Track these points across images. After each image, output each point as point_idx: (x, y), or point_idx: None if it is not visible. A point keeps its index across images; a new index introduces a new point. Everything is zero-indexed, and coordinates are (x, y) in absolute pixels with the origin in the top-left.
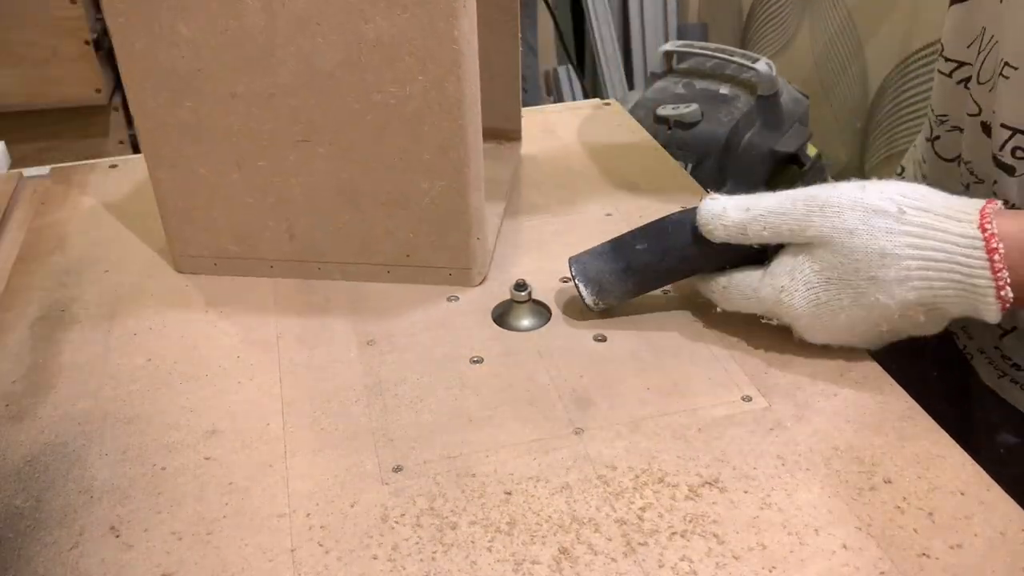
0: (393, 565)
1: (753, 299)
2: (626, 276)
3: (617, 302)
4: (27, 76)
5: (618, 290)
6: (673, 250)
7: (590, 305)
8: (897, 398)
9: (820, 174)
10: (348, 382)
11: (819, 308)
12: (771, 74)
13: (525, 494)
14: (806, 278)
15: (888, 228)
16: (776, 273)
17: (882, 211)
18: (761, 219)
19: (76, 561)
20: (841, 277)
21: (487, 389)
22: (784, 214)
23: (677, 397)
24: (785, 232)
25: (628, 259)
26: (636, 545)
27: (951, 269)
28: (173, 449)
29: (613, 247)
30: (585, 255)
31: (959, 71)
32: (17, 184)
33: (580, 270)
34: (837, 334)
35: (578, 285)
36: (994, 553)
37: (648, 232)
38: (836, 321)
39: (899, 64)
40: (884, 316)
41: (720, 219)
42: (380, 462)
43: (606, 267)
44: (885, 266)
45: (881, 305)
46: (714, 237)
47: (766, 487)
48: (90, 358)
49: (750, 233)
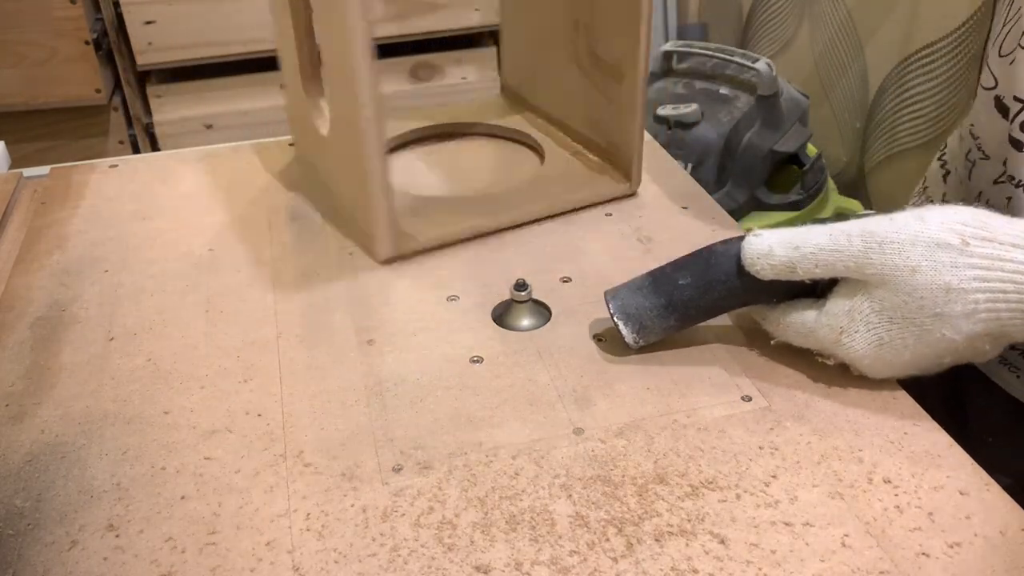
0: (393, 565)
1: (810, 338)
2: (668, 313)
3: (658, 339)
4: (27, 76)
5: (659, 327)
6: (717, 284)
7: (630, 344)
8: (897, 398)
9: (820, 174)
10: (348, 382)
11: (882, 348)
12: (771, 74)
13: (525, 494)
14: (866, 319)
15: (953, 262)
16: (833, 313)
17: (945, 244)
18: (812, 257)
19: (76, 561)
20: (905, 316)
21: (487, 389)
22: (838, 251)
23: (677, 397)
24: (840, 269)
25: (670, 294)
26: (636, 545)
27: (1020, 300)
28: (173, 449)
29: (653, 281)
30: (623, 289)
31: None
32: (17, 184)
33: (619, 307)
34: (900, 370)
35: (617, 323)
36: (994, 553)
37: (690, 265)
38: (900, 359)
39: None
40: (949, 350)
41: (767, 259)
42: (380, 462)
43: (646, 303)
44: (951, 302)
45: (947, 340)
46: (762, 276)
47: (766, 487)
48: (90, 358)
49: (800, 272)
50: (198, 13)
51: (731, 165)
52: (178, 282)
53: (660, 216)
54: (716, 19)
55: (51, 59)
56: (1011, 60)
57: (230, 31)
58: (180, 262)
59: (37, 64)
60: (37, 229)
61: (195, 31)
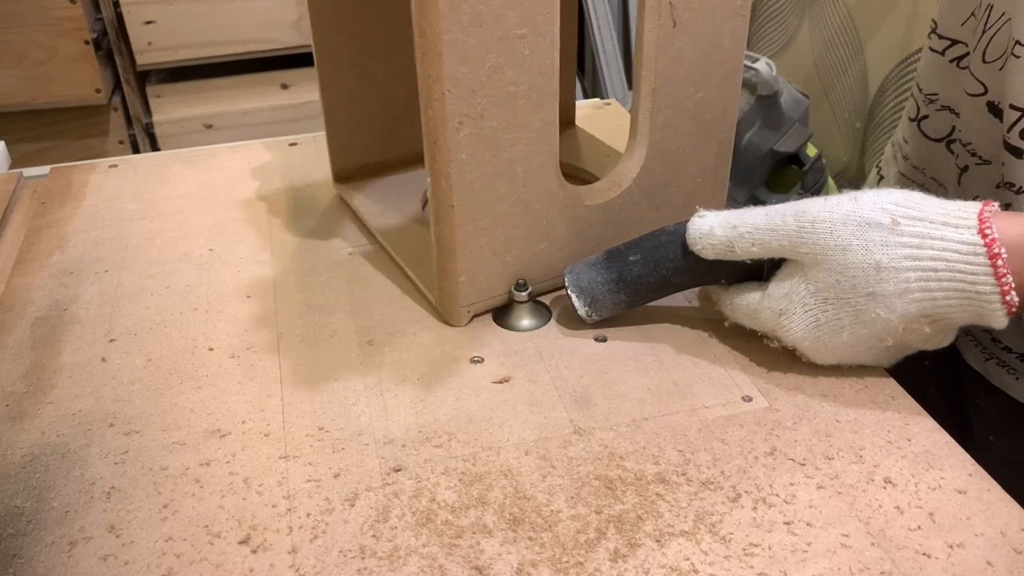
0: (393, 565)
1: (755, 320)
2: (618, 288)
3: (611, 314)
4: (27, 76)
5: (610, 301)
6: (666, 263)
7: (583, 316)
8: (897, 398)
9: (820, 174)
10: (348, 382)
11: (819, 330)
12: (771, 74)
13: (525, 494)
14: (803, 300)
15: (883, 241)
16: (773, 296)
17: (876, 223)
18: (749, 236)
19: (76, 561)
20: (839, 296)
21: (487, 389)
22: (774, 230)
23: (677, 397)
24: (776, 248)
25: (621, 270)
26: (636, 544)
27: (952, 278)
28: (173, 449)
29: (607, 257)
30: (580, 265)
31: (952, 49)
32: (17, 184)
33: (573, 280)
34: (842, 353)
35: (570, 296)
36: (994, 553)
37: (642, 244)
38: (839, 340)
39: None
40: (887, 331)
41: (707, 238)
42: (380, 462)
43: (599, 277)
44: (883, 280)
45: (883, 320)
46: (704, 256)
47: (766, 487)
48: (90, 358)
49: (738, 250)
50: (198, 13)
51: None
52: (178, 282)
53: None
54: None
55: (51, 59)
56: (1000, 66)
57: (230, 31)
58: (180, 262)
59: (37, 64)
60: (37, 229)
61: (195, 31)
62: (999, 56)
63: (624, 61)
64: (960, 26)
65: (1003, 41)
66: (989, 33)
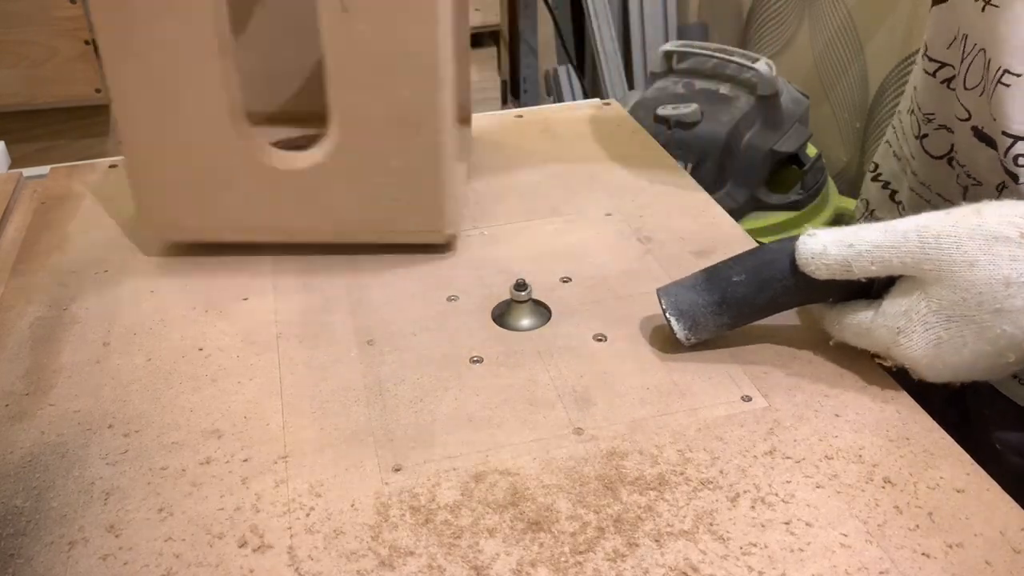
0: (393, 565)
1: (867, 338)
2: (721, 310)
3: (711, 336)
4: (27, 76)
5: (712, 324)
6: (773, 283)
7: (682, 340)
8: (897, 398)
9: (820, 174)
10: (348, 382)
11: (940, 348)
12: (771, 74)
13: (525, 494)
14: (924, 319)
15: (1012, 255)
16: (890, 314)
17: (1004, 237)
18: (868, 255)
19: (76, 561)
20: (963, 314)
21: (487, 389)
22: (894, 247)
23: (677, 397)
24: (897, 266)
25: (723, 291)
26: (635, 544)
27: None
28: (173, 449)
29: (707, 278)
30: (675, 286)
31: (942, 71)
32: (17, 184)
33: (672, 303)
34: (959, 370)
35: (669, 319)
36: (995, 553)
37: (745, 263)
38: (958, 358)
39: (899, 64)
40: (1011, 347)
41: (822, 258)
42: (380, 462)
43: (700, 300)
44: (1011, 296)
45: (1008, 336)
46: (817, 276)
47: (765, 487)
48: (90, 358)
49: (856, 270)
50: None
51: (731, 165)
52: (178, 281)
53: (660, 216)
54: (716, 19)
55: (51, 59)
56: (979, 93)
57: None
58: (179, 262)
59: (37, 64)
60: (37, 229)
61: None
62: (977, 84)
63: (624, 61)
64: (946, 49)
65: (978, 70)
66: (967, 61)
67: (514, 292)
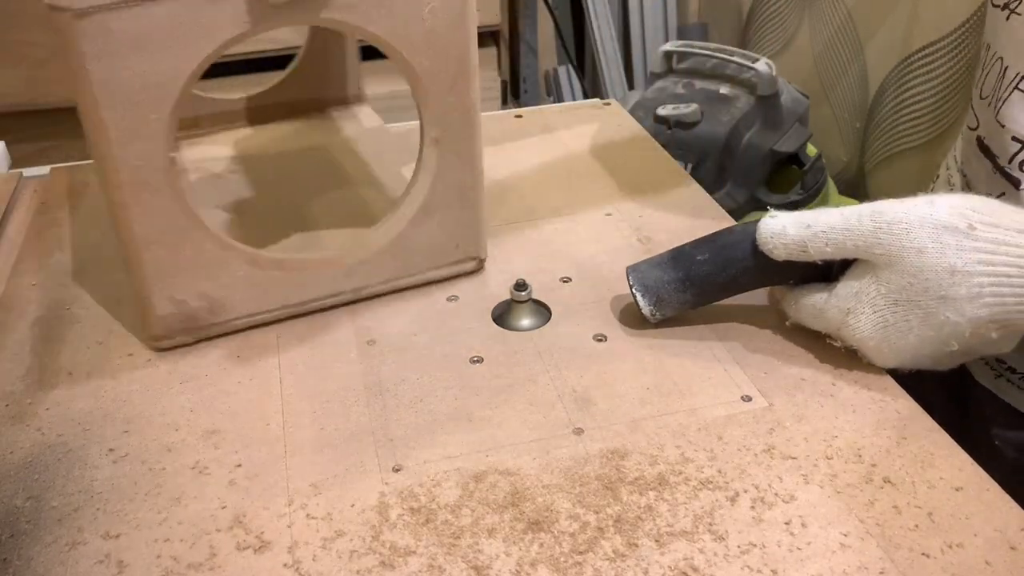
0: (393, 565)
1: (820, 319)
2: (685, 287)
3: (675, 313)
4: (27, 76)
5: (676, 301)
6: (734, 263)
7: (647, 316)
8: (896, 398)
9: (820, 174)
10: (348, 382)
11: (887, 331)
12: (771, 74)
13: (525, 494)
14: (872, 300)
15: (959, 245)
16: (841, 295)
17: (952, 227)
18: (823, 236)
19: (76, 561)
20: (909, 299)
21: (487, 389)
22: (849, 231)
23: (677, 397)
24: (850, 248)
25: (688, 270)
26: (635, 544)
27: None
28: (173, 449)
29: (672, 257)
30: (643, 264)
31: None
32: (17, 184)
33: (638, 279)
34: (905, 356)
35: (635, 295)
36: (994, 553)
37: (709, 244)
38: (904, 342)
39: (899, 64)
40: (954, 335)
41: (780, 238)
42: (380, 462)
43: (665, 276)
44: (955, 284)
45: (951, 323)
46: (775, 256)
47: (765, 487)
48: (90, 358)
49: (811, 250)
50: None
51: (731, 165)
52: None
53: (660, 216)
54: (716, 19)
55: (51, 59)
56: (989, 103)
57: None
58: None
59: (38, 64)
60: (37, 229)
61: None
62: (989, 94)
63: (624, 61)
64: None
65: (993, 80)
66: (986, 70)
67: (514, 292)
